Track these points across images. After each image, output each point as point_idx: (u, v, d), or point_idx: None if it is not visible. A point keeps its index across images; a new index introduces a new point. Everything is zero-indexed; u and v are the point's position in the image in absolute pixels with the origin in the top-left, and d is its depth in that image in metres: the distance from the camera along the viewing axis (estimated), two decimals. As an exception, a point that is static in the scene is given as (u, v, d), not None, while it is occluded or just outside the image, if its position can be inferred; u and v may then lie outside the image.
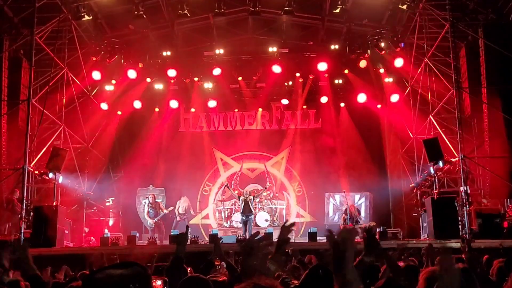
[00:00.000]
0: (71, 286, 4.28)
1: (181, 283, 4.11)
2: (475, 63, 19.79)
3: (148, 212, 21.38)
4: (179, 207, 22.13)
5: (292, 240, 20.04)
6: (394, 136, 23.54)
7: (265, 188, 21.66)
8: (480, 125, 20.67)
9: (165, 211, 21.34)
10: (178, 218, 21.90)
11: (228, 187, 21.64)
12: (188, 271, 10.60)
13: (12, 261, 7.83)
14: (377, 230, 18.73)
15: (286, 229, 3.56)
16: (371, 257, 4.47)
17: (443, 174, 19.91)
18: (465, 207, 16.68)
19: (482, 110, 19.64)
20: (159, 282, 5.04)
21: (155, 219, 21.01)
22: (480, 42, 19.37)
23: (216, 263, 8.17)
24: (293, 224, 3.62)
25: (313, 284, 3.74)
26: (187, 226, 5.35)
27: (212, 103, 24.35)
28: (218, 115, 25.30)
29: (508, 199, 18.68)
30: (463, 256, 10.80)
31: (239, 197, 20.24)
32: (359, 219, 20.49)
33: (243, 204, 19.67)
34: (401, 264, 8.14)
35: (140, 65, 23.07)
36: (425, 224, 18.75)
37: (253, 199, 20.09)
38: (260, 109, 25.05)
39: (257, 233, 3.46)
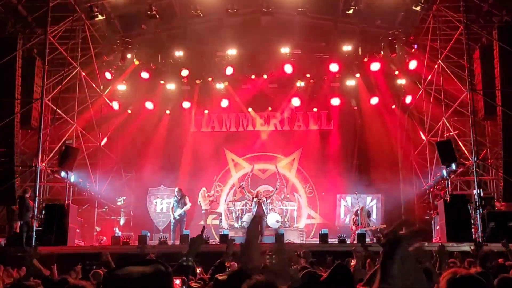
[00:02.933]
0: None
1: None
2: (489, 65, 19.61)
3: (173, 207, 20.27)
4: (201, 200, 22.13)
5: (303, 242, 20.05)
6: (407, 138, 23.43)
7: (276, 189, 21.60)
8: (494, 127, 20.53)
9: (187, 206, 20.48)
10: (203, 211, 22.13)
11: (243, 187, 21.52)
12: (198, 271, 10.59)
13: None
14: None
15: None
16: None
17: (456, 176, 19.79)
18: (478, 210, 16.58)
19: (496, 112, 19.47)
20: (177, 282, 4.97)
21: (178, 215, 20.04)
22: (495, 44, 19.22)
23: (226, 264, 8.11)
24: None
25: (336, 282, 3.77)
26: (203, 228, 5.27)
27: (224, 103, 24.32)
28: (229, 116, 25.26)
29: (522, 203, 18.53)
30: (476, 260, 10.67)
31: (252, 198, 20.20)
32: (368, 222, 20.38)
33: (256, 206, 19.62)
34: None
35: (153, 66, 23.11)
36: (437, 227, 18.65)
37: (266, 201, 20.07)
38: (270, 108, 24.98)
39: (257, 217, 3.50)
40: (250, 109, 25.00)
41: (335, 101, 24.07)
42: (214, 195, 22.79)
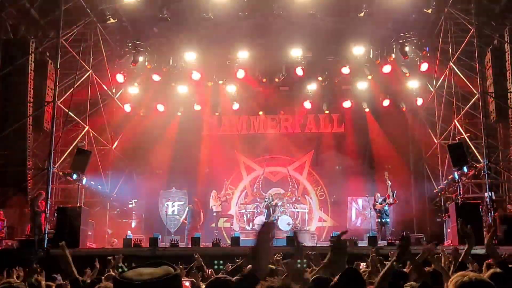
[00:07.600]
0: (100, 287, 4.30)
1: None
2: (501, 68, 19.57)
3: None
4: (212, 202, 22.28)
5: (314, 245, 20.01)
6: (418, 141, 23.35)
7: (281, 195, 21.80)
8: (506, 130, 20.44)
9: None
10: (214, 214, 22.19)
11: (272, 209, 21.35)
12: (209, 272, 10.63)
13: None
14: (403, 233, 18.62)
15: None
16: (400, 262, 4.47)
17: (467, 179, 19.70)
18: (490, 213, 16.50)
19: (507, 115, 19.41)
20: (187, 284, 4.97)
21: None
22: (506, 46, 19.15)
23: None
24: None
25: (347, 286, 3.76)
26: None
27: (235, 106, 24.32)
28: (241, 119, 25.27)
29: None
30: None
31: (263, 202, 20.37)
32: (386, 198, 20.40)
33: (267, 210, 19.72)
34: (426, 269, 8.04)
35: (164, 69, 23.14)
36: (448, 230, 18.58)
37: (274, 202, 20.16)
38: (283, 112, 24.96)
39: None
40: (260, 113, 24.99)
41: (347, 104, 24.02)
42: (225, 196, 22.85)
